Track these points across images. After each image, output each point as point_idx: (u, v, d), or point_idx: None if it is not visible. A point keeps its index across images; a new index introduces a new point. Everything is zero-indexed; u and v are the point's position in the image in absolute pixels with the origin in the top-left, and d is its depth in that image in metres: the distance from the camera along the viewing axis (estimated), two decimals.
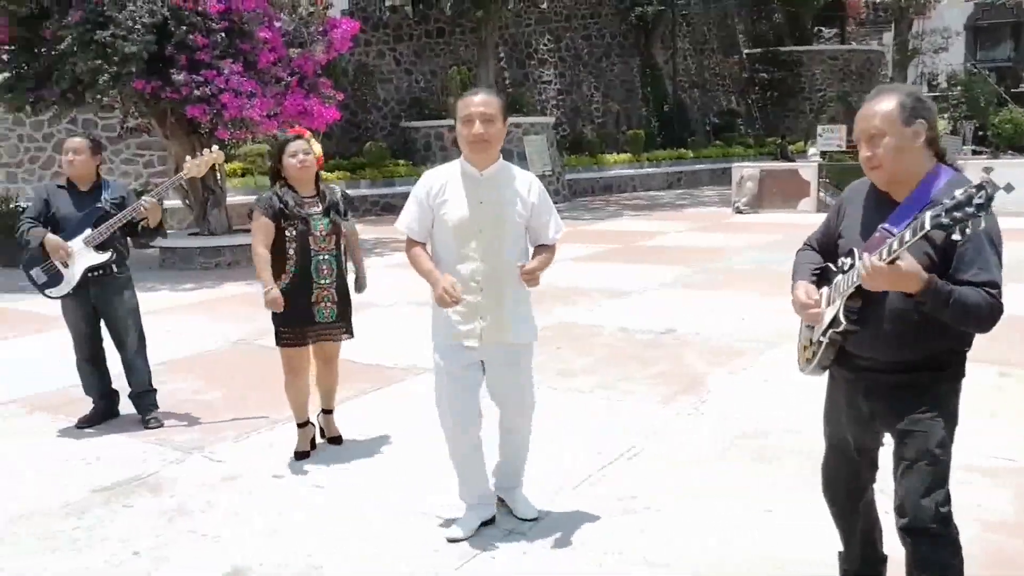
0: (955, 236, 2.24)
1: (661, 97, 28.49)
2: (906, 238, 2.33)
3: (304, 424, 4.74)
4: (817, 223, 3.03)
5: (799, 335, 2.91)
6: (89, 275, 5.10)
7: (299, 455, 4.67)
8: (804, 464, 4.16)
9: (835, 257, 2.77)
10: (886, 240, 2.45)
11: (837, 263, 2.73)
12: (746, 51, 32.74)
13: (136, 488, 4.34)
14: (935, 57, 32.42)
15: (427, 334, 3.70)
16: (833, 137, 19.20)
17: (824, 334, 2.69)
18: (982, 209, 2.17)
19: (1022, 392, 5.47)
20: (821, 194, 17.26)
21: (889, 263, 2.38)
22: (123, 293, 5.26)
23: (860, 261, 2.51)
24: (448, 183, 3.55)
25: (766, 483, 4.16)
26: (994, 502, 3.87)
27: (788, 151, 23.59)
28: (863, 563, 3.02)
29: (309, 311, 4.50)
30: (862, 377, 2.70)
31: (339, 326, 4.64)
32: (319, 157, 4.58)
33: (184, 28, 10.77)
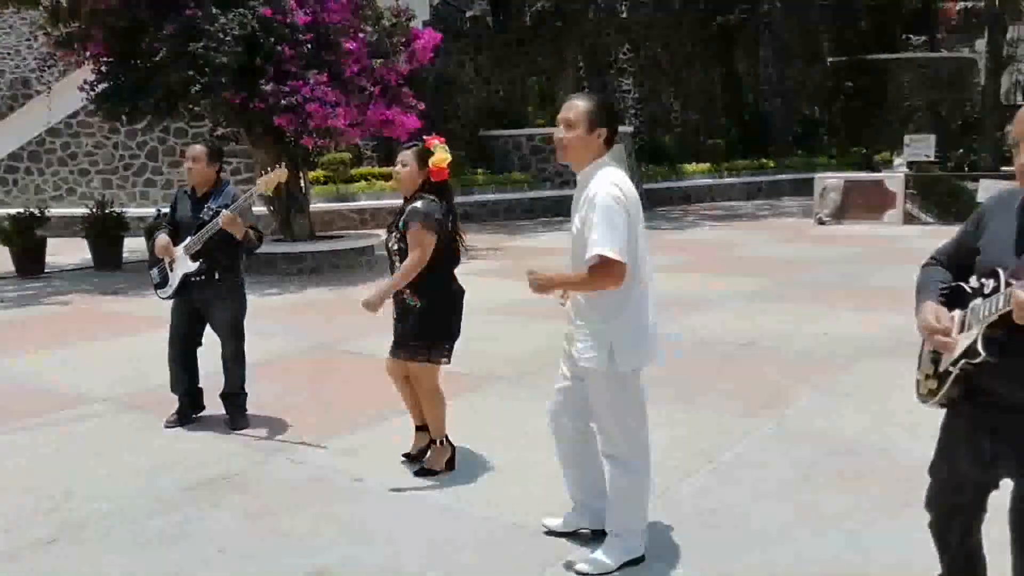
0: None
1: (742, 106, 28.12)
2: None
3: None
4: (902, 236, 2.91)
5: (919, 361, 2.58)
6: (192, 280, 5.30)
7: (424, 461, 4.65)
8: (892, 487, 4.05)
9: (967, 275, 2.44)
10: None
11: (970, 282, 2.40)
12: (831, 59, 32.06)
13: (223, 487, 4.46)
14: None
15: (497, 342, 3.68)
16: (921, 147, 18.70)
17: (955, 364, 2.35)
18: None
19: None
20: (907, 206, 16.82)
21: None
22: (224, 300, 5.39)
23: (1012, 288, 2.13)
24: None
25: (850, 504, 4.06)
26: None
27: (874, 161, 23.03)
28: None
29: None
30: (990, 414, 2.40)
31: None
32: (438, 164, 4.51)
33: (272, 40, 11.07)
